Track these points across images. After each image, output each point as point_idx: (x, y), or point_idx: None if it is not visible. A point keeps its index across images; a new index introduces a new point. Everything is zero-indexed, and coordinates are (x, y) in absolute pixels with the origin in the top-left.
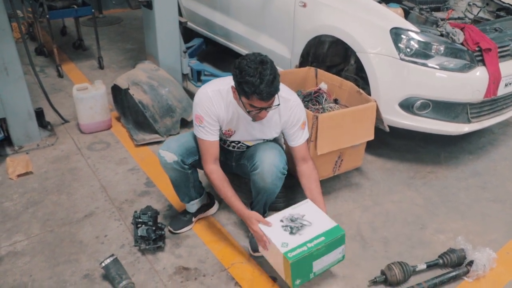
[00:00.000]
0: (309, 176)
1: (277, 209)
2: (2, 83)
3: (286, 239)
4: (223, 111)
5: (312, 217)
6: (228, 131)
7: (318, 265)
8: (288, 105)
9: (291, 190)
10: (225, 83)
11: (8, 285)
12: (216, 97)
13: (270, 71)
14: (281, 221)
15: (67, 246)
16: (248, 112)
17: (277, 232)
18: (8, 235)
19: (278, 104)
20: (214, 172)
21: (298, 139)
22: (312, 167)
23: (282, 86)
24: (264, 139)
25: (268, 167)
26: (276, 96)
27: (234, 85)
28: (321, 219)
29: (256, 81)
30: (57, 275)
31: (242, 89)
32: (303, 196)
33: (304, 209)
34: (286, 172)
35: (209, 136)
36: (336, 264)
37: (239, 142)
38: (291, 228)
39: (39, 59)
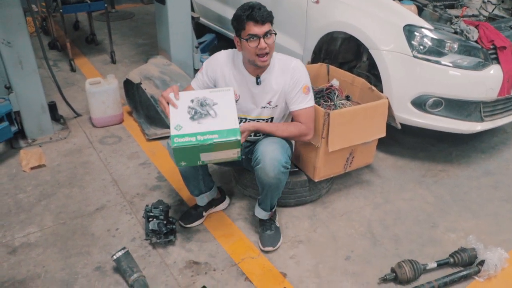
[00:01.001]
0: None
1: (287, 205)
2: (16, 76)
3: (183, 122)
4: (226, 71)
5: (222, 110)
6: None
7: (207, 157)
8: (289, 67)
9: (301, 186)
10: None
11: (21, 275)
12: (225, 56)
13: (260, 5)
14: (192, 101)
15: (79, 238)
16: (250, 53)
17: (180, 111)
18: (22, 227)
19: (275, 33)
20: None
21: (299, 103)
22: (303, 127)
23: (284, 55)
24: (269, 103)
25: (270, 161)
26: (273, 34)
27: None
28: (228, 115)
29: (247, 10)
30: (69, 266)
31: (238, 25)
32: (313, 194)
33: (221, 97)
34: (289, 167)
35: (195, 82)
36: (231, 160)
37: (245, 119)
38: (195, 112)
39: (53, 53)
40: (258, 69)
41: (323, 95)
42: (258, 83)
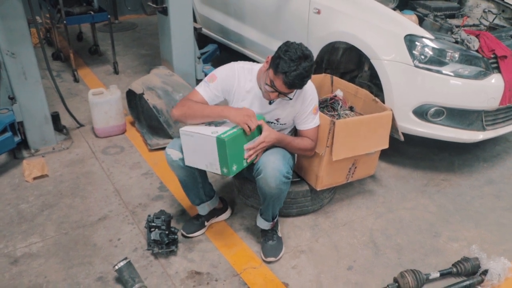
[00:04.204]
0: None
1: (289, 215)
2: (20, 87)
3: (213, 129)
4: (240, 85)
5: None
6: None
7: (246, 151)
8: (302, 90)
9: (303, 196)
10: (258, 65)
11: (23, 286)
12: (239, 73)
13: (308, 69)
14: (203, 124)
15: (81, 248)
16: (264, 86)
17: (203, 128)
18: (24, 237)
19: (290, 98)
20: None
21: (309, 122)
22: (313, 144)
23: None
24: (276, 120)
25: (271, 171)
26: (295, 91)
27: (272, 56)
28: None
29: (292, 66)
30: (71, 277)
31: (276, 64)
32: (315, 204)
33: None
34: (290, 177)
35: (206, 93)
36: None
37: None
38: (215, 124)
39: (56, 64)
40: None
41: (327, 105)
42: (270, 103)
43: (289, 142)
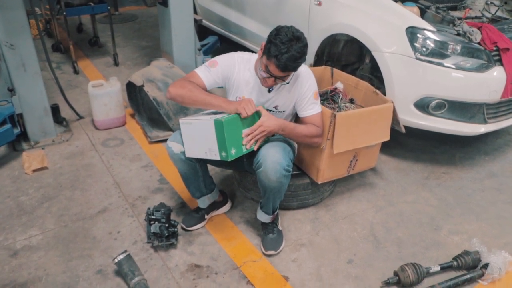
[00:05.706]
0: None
1: (289, 208)
2: (19, 78)
3: (212, 116)
4: (240, 74)
5: None
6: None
7: (245, 137)
8: (299, 75)
9: (303, 189)
10: (255, 56)
11: (23, 278)
12: (239, 62)
13: (300, 49)
14: (203, 114)
15: (81, 241)
16: (260, 73)
17: (202, 116)
18: (24, 229)
19: (287, 82)
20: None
21: (311, 109)
22: (319, 130)
23: None
24: (275, 107)
25: (271, 164)
26: (291, 74)
27: (265, 42)
28: None
29: (283, 49)
30: (71, 270)
31: (268, 49)
32: (315, 197)
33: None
34: (291, 170)
35: (206, 77)
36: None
37: None
38: (214, 113)
39: (56, 55)
40: None
41: (327, 98)
42: (269, 91)
43: (293, 129)
